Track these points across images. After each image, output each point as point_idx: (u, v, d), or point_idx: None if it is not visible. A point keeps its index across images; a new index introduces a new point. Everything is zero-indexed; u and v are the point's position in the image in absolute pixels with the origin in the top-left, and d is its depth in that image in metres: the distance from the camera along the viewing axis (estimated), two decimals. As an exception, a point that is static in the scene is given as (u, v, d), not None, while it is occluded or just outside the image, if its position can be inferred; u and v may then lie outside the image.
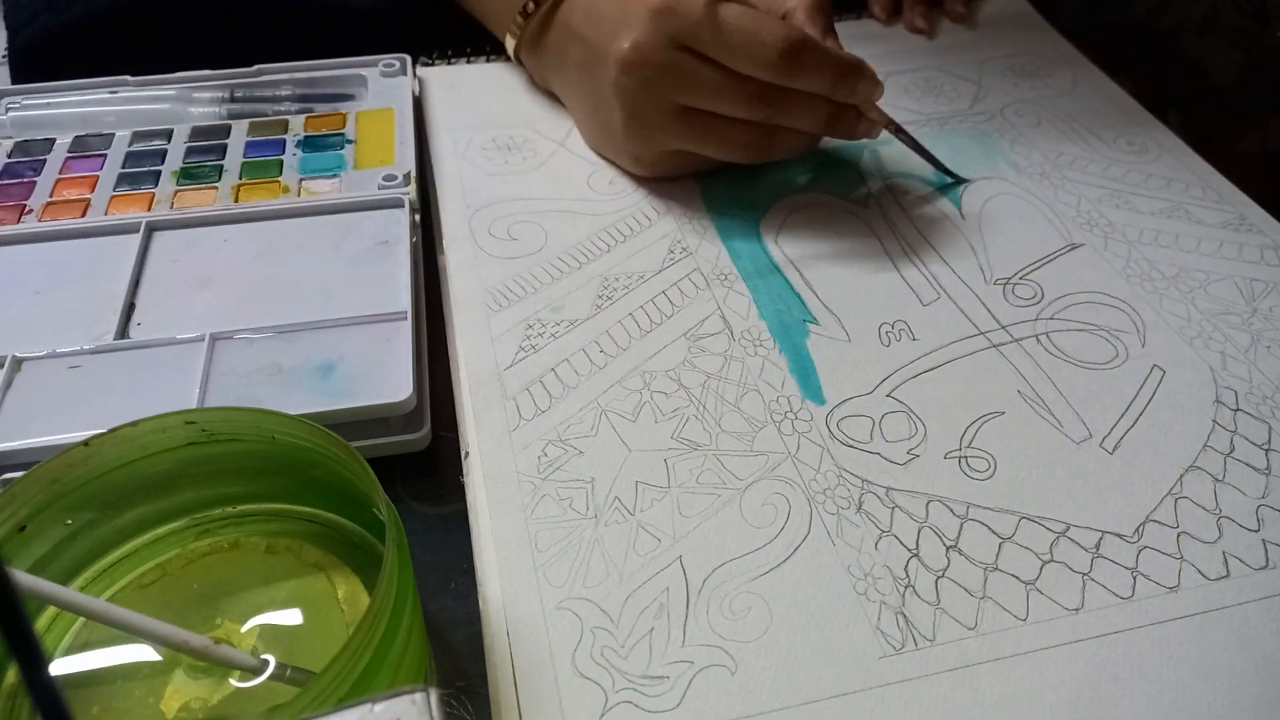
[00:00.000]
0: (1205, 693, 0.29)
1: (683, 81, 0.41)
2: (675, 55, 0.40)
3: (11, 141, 0.49)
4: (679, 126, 0.43)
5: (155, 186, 0.46)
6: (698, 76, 0.40)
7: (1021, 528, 0.33)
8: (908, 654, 0.30)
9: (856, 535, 0.33)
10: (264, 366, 0.37)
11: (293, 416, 0.28)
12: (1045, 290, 0.42)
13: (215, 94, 0.51)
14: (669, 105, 0.42)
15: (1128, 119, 0.52)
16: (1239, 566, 0.32)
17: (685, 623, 0.30)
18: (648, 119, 0.43)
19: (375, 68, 0.54)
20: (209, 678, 0.27)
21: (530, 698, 0.29)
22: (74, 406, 0.36)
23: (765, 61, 0.39)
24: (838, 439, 0.36)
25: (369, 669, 0.23)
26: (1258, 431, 0.36)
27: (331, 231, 0.44)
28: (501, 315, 0.40)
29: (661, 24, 0.40)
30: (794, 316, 0.41)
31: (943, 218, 0.46)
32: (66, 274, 0.42)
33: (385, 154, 0.48)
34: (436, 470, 0.37)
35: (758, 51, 0.39)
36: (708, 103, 0.41)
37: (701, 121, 0.42)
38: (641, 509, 0.33)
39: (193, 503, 0.30)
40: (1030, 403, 0.37)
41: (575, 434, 0.36)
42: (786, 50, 0.39)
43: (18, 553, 0.27)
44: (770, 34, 0.39)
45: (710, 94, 0.41)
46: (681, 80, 0.41)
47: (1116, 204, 0.46)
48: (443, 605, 0.32)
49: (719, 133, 0.43)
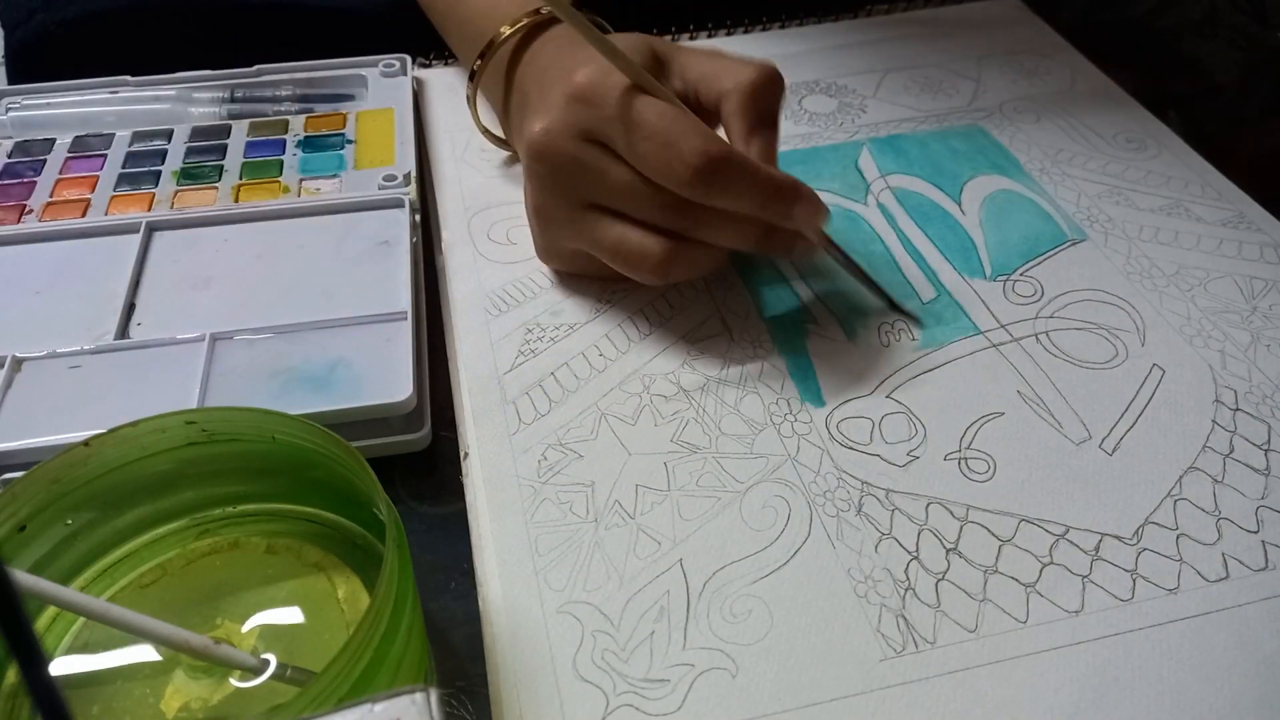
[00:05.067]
0: (1205, 694, 0.29)
1: (590, 178, 0.36)
2: (585, 148, 0.35)
3: (11, 141, 0.49)
4: (583, 226, 0.37)
5: (155, 186, 0.46)
6: (608, 175, 0.35)
7: (1021, 530, 0.33)
8: (908, 656, 0.30)
9: (857, 538, 0.33)
10: (264, 366, 0.37)
11: (293, 416, 0.28)
12: (1045, 287, 0.42)
13: (215, 94, 0.51)
14: (576, 200, 0.37)
15: (1127, 116, 0.52)
16: (1238, 568, 0.32)
17: (686, 626, 0.30)
18: (552, 213, 0.38)
19: (375, 68, 0.54)
20: (209, 678, 0.27)
21: (531, 702, 0.29)
22: (74, 406, 0.36)
23: (677, 178, 0.33)
24: (837, 441, 0.36)
25: (369, 669, 0.23)
26: (1257, 431, 0.36)
27: (331, 231, 0.44)
28: (501, 319, 0.40)
29: (573, 113, 0.35)
30: (793, 317, 0.41)
31: (943, 214, 0.46)
32: (66, 274, 0.42)
33: (385, 154, 0.48)
34: (436, 470, 0.37)
35: (670, 165, 0.33)
36: (617, 204, 0.36)
37: (608, 223, 0.36)
38: (641, 512, 0.33)
39: (193, 503, 0.30)
40: (1030, 403, 0.37)
41: (575, 438, 0.36)
42: (701, 168, 0.33)
43: (18, 553, 0.27)
44: (686, 146, 0.33)
45: (619, 196, 0.36)
46: (589, 177, 0.36)
47: (1116, 200, 0.46)
48: (443, 605, 0.33)
49: (622, 239, 0.36)
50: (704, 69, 0.37)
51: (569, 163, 0.36)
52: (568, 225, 0.38)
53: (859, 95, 0.53)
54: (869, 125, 0.51)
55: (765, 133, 0.36)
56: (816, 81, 0.54)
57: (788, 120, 0.51)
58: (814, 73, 0.55)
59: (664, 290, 0.41)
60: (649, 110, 0.34)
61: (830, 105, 0.52)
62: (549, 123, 0.36)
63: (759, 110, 0.36)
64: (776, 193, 0.35)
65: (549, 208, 0.38)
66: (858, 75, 0.55)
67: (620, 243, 0.36)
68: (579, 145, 0.35)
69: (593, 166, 0.35)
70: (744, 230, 0.36)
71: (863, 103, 0.53)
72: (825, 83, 0.54)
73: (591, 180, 0.36)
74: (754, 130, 0.36)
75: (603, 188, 0.36)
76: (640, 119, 0.34)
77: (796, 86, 0.54)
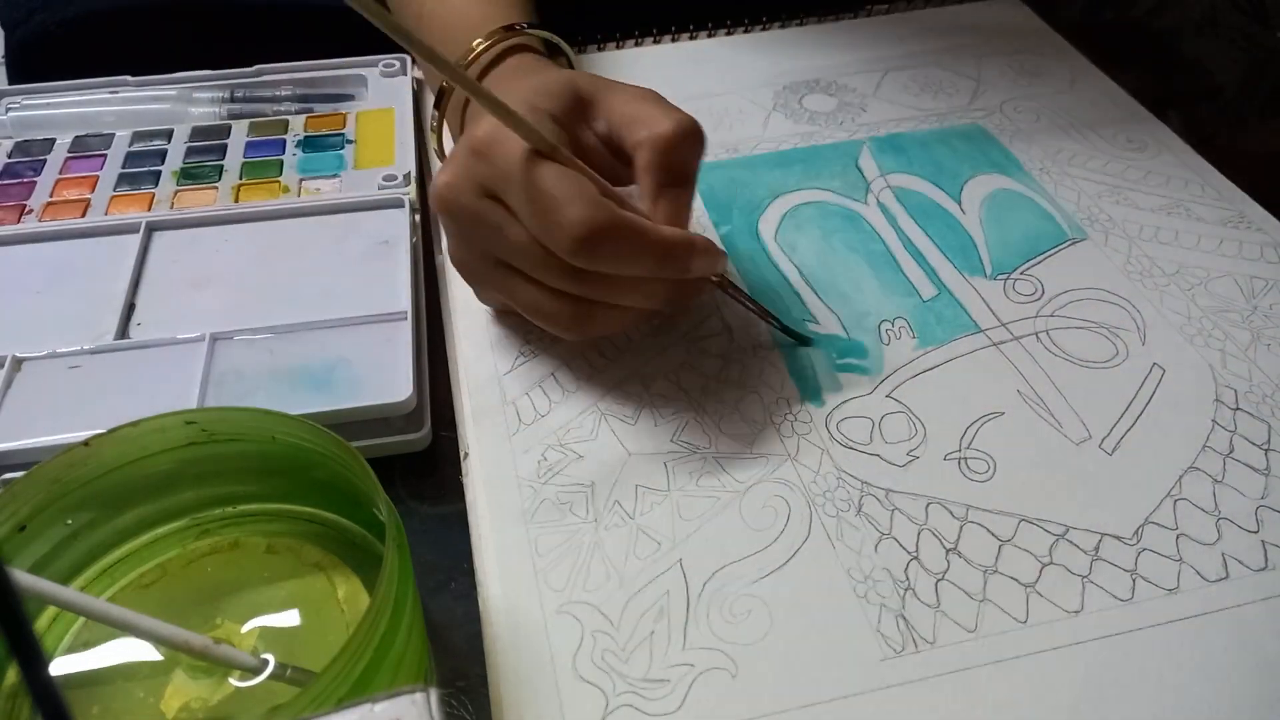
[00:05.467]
0: (1205, 694, 0.29)
1: (492, 235, 0.34)
2: (485, 205, 0.34)
3: (11, 141, 0.49)
4: (497, 280, 0.36)
5: (155, 186, 0.46)
6: (507, 234, 0.34)
7: (1021, 530, 0.33)
8: (908, 657, 0.30)
9: (856, 538, 0.33)
10: (264, 366, 0.37)
11: (293, 416, 0.28)
12: (1046, 286, 0.42)
13: (215, 94, 0.51)
14: (486, 254, 0.36)
15: (1127, 116, 0.52)
16: (1238, 568, 0.32)
17: (686, 626, 0.30)
18: (469, 266, 0.37)
19: (375, 68, 0.54)
20: (209, 678, 0.27)
21: (531, 702, 0.29)
22: (74, 406, 0.36)
23: (560, 247, 0.32)
24: (837, 441, 0.36)
25: (369, 669, 0.23)
26: (1257, 431, 0.36)
27: (331, 231, 0.44)
28: (501, 320, 0.40)
29: (473, 167, 0.34)
30: (793, 316, 0.40)
31: (943, 213, 0.46)
32: (66, 274, 0.42)
33: (385, 154, 0.48)
34: (436, 470, 0.37)
35: (552, 233, 0.32)
36: (518, 264, 0.35)
37: (519, 281, 0.35)
38: (641, 512, 0.33)
39: (193, 503, 0.30)
40: (1030, 403, 0.37)
41: (575, 438, 0.36)
42: (583, 238, 0.31)
43: (18, 553, 0.27)
44: (570, 214, 0.31)
45: (519, 257, 0.34)
46: (492, 234, 0.34)
47: (1116, 200, 0.46)
48: (443, 605, 0.33)
49: (532, 299, 0.35)
50: (626, 113, 0.36)
51: (471, 218, 0.35)
52: (484, 279, 0.37)
53: (859, 94, 0.53)
54: (869, 124, 0.51)
55: (673, 192, 0.35)
56: (816, 81, 0.54)
57: (789, 119, 0.51)
58: (814, 72, 0.55)
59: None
60: (539, 172, 0.32)
61: (830, 104, 0.52)
62: (450, 176, 0.35)
63: (670, 167, 0.35)
64: (668, 253, 0.33)
65: (464, 261, 0.37)
66: (858, 75, 0.55)
67: (531, 302, 0.35)
68: (478, 201, 0.34)
69: (492, 223, 0.34)
70: (648, 290, 0.35)
71: (863, 102, 0.53)
72: (825, 82, 0.54)
73: (494, 237, 0.34)
74: (661, 189, 0.35)
75: (504, 245, 0.34)
76: (534, 180, 0.32)
77: (796, 86, 0.54)
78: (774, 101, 0.53)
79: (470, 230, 0.35)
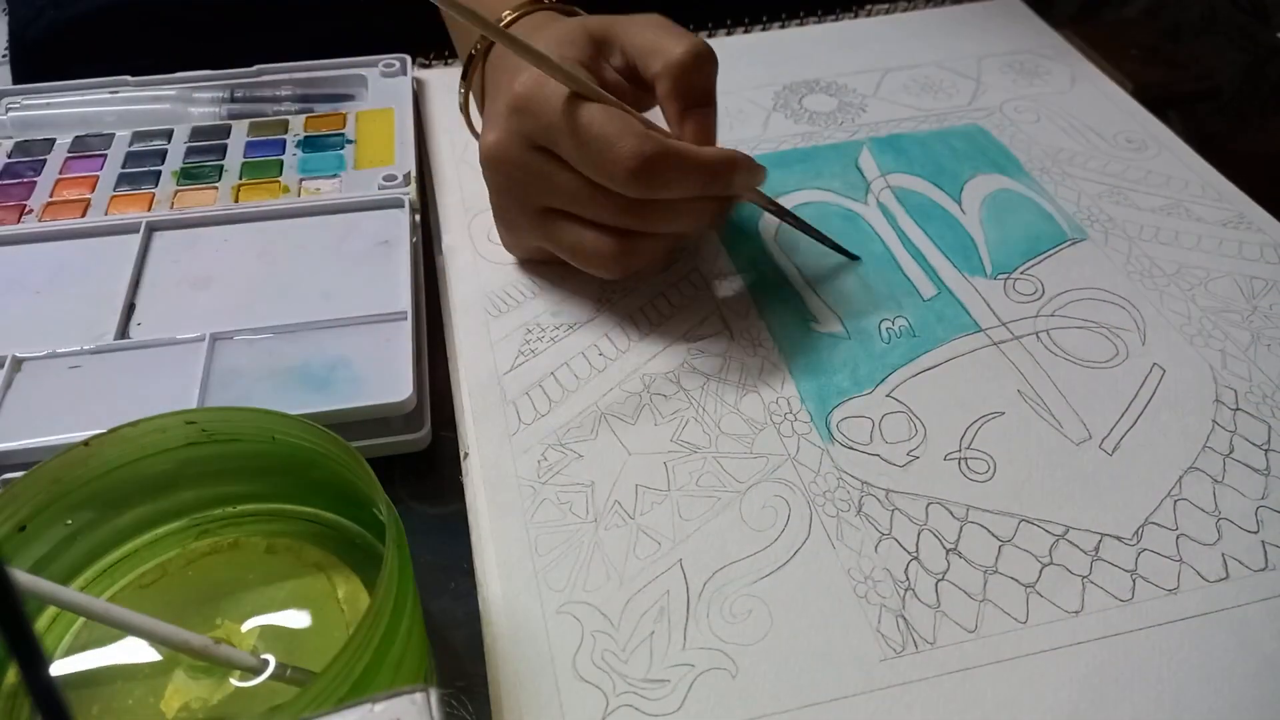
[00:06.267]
0: (1205, 695, 0.29)
1: (541, 184, 0.37)
2: (533, 156, 0.36)
3: (11, 141, 0.49)
4: (540, 228, 0.39)
5: (155, 186, 0.46)
6: (556, 181, 0.36)
7: (1021, 530, 0.33)
8: (908, 657, 0.30)
9: (856, 538, 0.33)
10: (264, 366, 0.37)
11: (293, 416, 0.28)
12: (1046, 286, 0.42)
13: (215, 94, 0.51)
14: (530, 204, 0.38)
15: (1126, 116, 0.52)
16: (1238, 568, 0.32)
17: (686, 626, 0.30)
18: (511, 217, 0.40)
19: (375, 68, 0.54)
20: (209, 678, 0.27)
21: (531, 702, 0.29)
22: (74, 406, 0.36)
23: (616, 180, 0.34)
24: (837, 441, 0.36)
25: (369, 669, 0.23)
26: (1257, 431, 0.36)
27: (331, 231, 0.44)
28: (501, 320, 0.40)
29: (517, 122, 0.36)
30: (793, 316, 0.40)
31: (943, 213, 0.46)
32: (66, 274, 0.42)
33: (385, 154, 0.48)
34: (436, 470, 0.37)
35: (608, 168, 0.34)
36: (569, 207, 0.37)
37: (563, 225, 0.38)
38: (641, 512, 0.33)
39: (193, 503, 0.30)
40: (1030, 403, 0.37)
41: (575, 438, 0.36)
42: (637, 169, 0.34)
43: (18, 553, 0.27)
44: (621, 148, 0.33)
45: (570, 200, 0.37)
46: (540, 182, 0.37)
47: (1116, 200, 0.46)
48: (443, 605, 0.33)
49: (576, 239, 0.38)
50: (639, 45, 0.38)
51: (519, 171, 0.37)
52: (526, 227, 0.39)
53: (859, 94, 0.53)
54: (869, 124, 0.51)
55: (698, 112, 0.37)
56: (816, 81, 0.54)
57: (788, 119, 0.51)
58: (814, 72, 0.55)
59: (664, 289, 0.41)
60: (585, 115, 0.34)
61: (830, 104, 0.52)
62: (497, 134, 0.37)
63: (691, 91, 0.37)
64: (715, 172, 0.36)
65: (508, 212, 0.40)
66: (858, 75, 0.55)
67: (576, 243, 0.38)
68: (526, 153, 0.36)
69: (541, 173, 0.36)
70: (695, 211, 0.37)
71: (863, 102, 0.53)
72: (825, 82, 0.54)
73: (542, 186, 0.37)
74: (686, 112, 0.37)
75: (553, 192, 0.37)
76: (577, 125, 0.34)
77: (796, 86, 0.54)
78: (774, 102, 0.53)
79: (518, 183, 0.37)
